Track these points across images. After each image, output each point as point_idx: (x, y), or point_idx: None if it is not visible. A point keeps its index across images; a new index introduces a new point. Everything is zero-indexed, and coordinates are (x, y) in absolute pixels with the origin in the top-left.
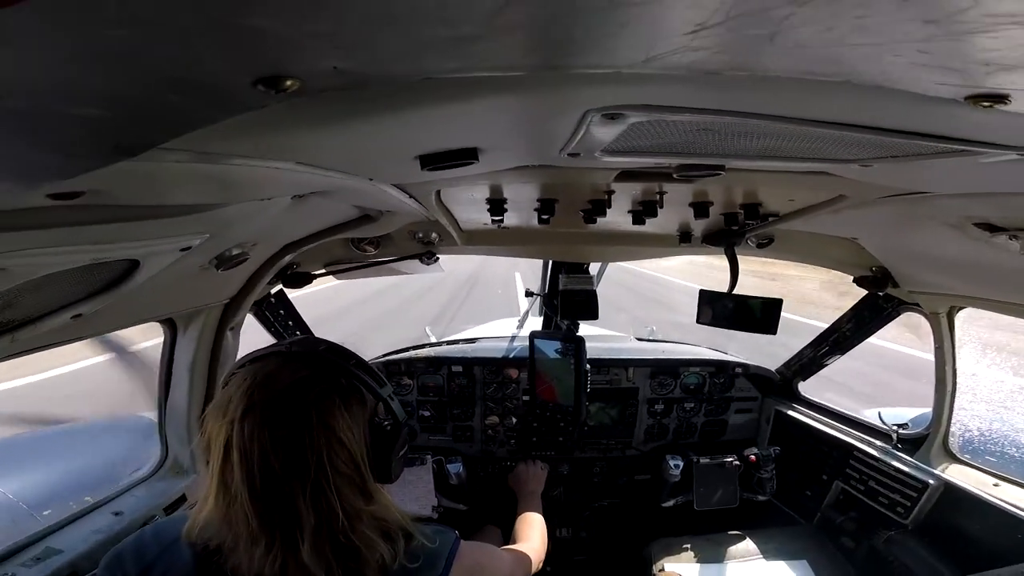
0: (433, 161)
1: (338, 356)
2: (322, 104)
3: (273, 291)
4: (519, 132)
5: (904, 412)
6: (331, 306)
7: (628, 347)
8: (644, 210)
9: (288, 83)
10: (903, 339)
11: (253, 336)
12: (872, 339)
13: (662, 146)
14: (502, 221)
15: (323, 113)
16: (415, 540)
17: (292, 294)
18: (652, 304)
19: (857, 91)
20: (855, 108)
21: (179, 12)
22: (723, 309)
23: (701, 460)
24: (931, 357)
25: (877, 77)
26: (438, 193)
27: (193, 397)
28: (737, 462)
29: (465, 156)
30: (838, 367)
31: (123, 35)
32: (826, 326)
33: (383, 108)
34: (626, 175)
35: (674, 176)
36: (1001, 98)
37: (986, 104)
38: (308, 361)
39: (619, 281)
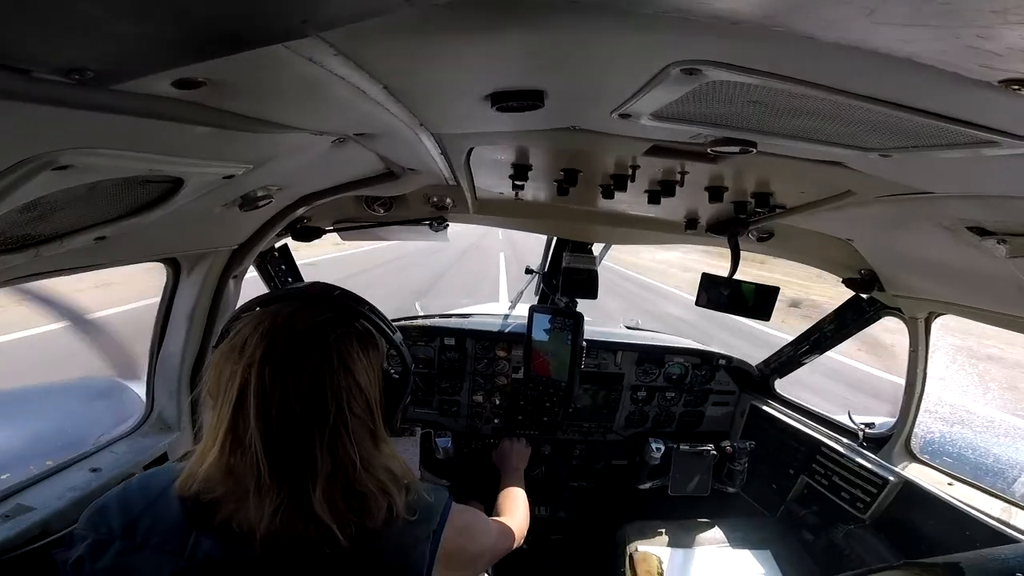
0: (503, 99)
1: (354, 301)
2: (434, 19)
3: (278, 245)
4: (589, 78)
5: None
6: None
7: (617, 332)
8: (662, 189)
9: None
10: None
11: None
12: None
13: (709, 115)
14: (523, 188)
15: (429, 30)
16: (413, 493)
17: None
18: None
19: (910, 71)
20: (896, 87)
21: None
22: (719, 295)
23: (681, 447)
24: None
25: (929, 57)
26: (470, 151)
27: (188, 347)
28: (715, 452)
29: (532, 97)
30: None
31: None
32: None
33: (486, 26)
34: (657, 149)
35: (708, 151)
36: None
37: (1016, 87)
38: (327, 304)
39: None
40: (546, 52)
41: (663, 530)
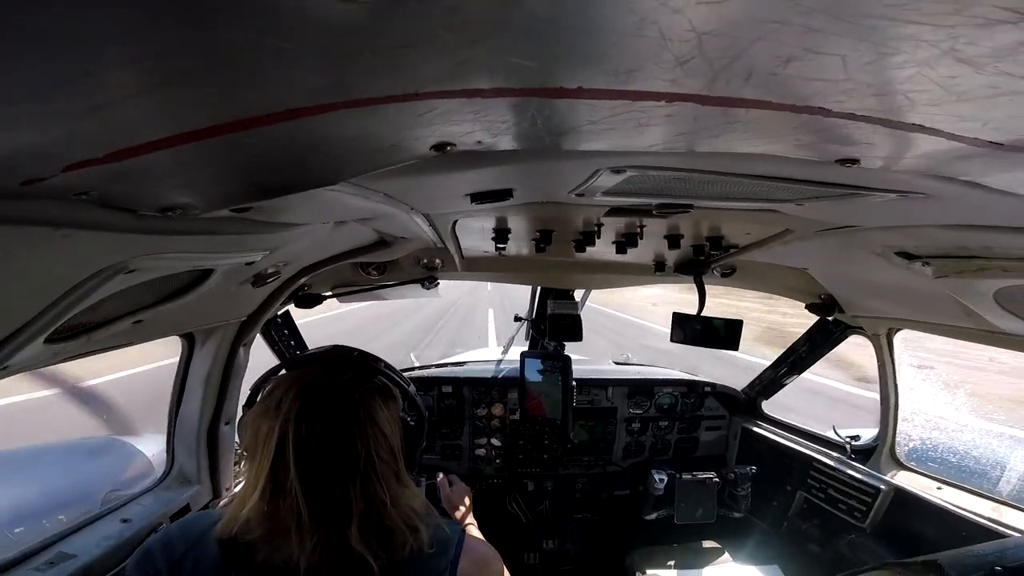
0: (480, 198)
1: (372, 360)
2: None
3: (280, 312)
4: (544, 178)
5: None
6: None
7: (606, 368)
8: (627, 241)
9: (448, 147)
10: None
11: None
12: None
13: (646, 190)
14: (504, 248)
15: (433, 164)
16: (431, 528)
17: None
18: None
19: (777, 160)
20: (779, 169)
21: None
22: (692, 330)
23: (683, 476)
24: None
25: (783, 152)
26: (455, 223)
27: (204, 409)
28: (716, 479)
29: (503, 196)
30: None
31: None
32: None
33: (471, 162)
34: (615, 211)
35: (653, 212)
36: (854, 161)
37: (848, 165)
38: (350, 364)
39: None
40: (510, 171)
41: (670, 555)
